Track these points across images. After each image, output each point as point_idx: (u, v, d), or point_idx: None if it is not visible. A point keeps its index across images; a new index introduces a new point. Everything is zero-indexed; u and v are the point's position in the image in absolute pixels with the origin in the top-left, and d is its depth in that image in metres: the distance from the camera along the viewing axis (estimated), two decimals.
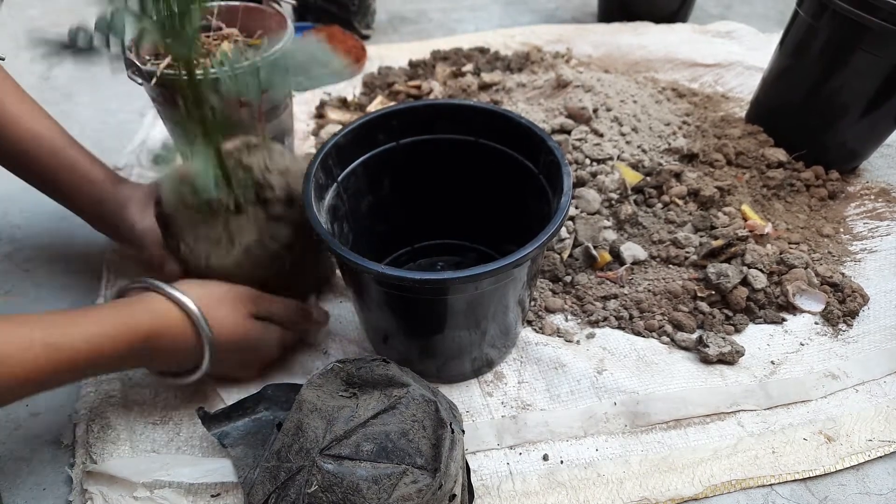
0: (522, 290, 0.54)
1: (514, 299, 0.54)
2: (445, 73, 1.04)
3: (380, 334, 0.60)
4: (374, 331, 0.61)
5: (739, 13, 1.37)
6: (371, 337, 0.63)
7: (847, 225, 0.78)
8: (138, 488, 0.51)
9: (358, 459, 0.43)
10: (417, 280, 0.44)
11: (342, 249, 0.46)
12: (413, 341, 0.58)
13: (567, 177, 0.51)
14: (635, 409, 0.58)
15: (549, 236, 0.47)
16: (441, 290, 0.48)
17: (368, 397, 0.47)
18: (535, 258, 0.50)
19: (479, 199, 0.65)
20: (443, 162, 0.62)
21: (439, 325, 0.53)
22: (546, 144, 0.55)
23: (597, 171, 0.77)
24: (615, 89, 0.88)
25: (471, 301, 0.50)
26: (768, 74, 0.87)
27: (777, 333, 0.65)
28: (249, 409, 0.55)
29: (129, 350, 0.47)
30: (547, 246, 0.52)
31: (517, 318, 0.58)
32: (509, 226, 0.62)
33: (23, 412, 0.59)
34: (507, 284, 0.50)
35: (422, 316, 0.53)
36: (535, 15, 1.36)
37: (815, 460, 0.54)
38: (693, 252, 0.70)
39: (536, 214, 0.56)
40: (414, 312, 0.53)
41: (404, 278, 0.44)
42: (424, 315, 0.53)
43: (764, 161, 0.83)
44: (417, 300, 0.50)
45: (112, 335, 0.46)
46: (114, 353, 0.47)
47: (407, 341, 0.59)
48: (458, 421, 0.51)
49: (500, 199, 0.63)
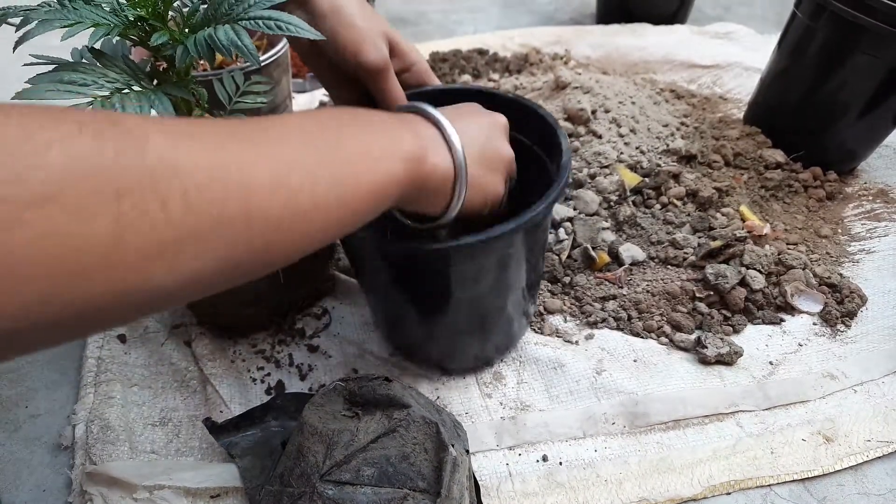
0: (528, 267, 0.53)
1: (520, 276, 0.53)
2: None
3: (388, 316, 0.60)
4: (381, 312, 0.61)
5: (738, 14, 1.37)
6: (379, 320, 0.63)
7: (845, 226, 0.78)
8: (138, 490, 0.51)
9: (359, 484, 0.43)
10: (423, 249, 0.44)
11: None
12: (419, 320, 0.58)
13: (563, 138, 0.51)
14: (634, 410, 0.58)
15: (557, 195, 0.46)
16: (444, 259, 0.47)
17: (370, 419, 0.47)
18: (540, 224, 0.49)
19: None
20: None
21: (444, 300, 0.52)
22: (537, 113, 0.54)
23: (595, 173, 0.77)
24: (613, 91, 0.88)
25: (475, 273, 0.49)
26: (766, 75, 0.88)
27: (775, 334, 0.65)
28: (258, 418, 0.55)
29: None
30: (549, 231, 0.51)
31: (521, 307, 0.58)
32: (512, 204, 0.63)
33: (22, 413, 0.60)
34: (513, 252, 0.49)
35: (427, 290, 0.53)
36: (534, 16, 1.36)
37: (814, 461, 0.54)
38: (691, 253, 0.70)
39: (537, 185, 0.57)
40: (420, 286, 0.53)
41: (410, 247, 0.44)
42: (429, 289, 0.52)
43: (762, 162, 0.83)
44: (424, 271, 0.50)
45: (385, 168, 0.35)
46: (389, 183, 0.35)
47: (412, 321, 0.58)
48: (463, 440, 0.51)
49: None
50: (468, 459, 0.49)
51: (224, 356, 0.63)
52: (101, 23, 0.41)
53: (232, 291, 0.59)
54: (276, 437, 0.54)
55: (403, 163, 0.36)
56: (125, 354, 0.63)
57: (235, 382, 0.61)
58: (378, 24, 0.50)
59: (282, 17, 0.40)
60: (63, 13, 0.40)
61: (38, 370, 0.63)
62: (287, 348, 0.65)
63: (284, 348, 0.65)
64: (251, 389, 0.61)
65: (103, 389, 0.60)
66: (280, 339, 0.65)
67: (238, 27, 0.40)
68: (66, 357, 0.65)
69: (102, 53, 0.44)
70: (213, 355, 0.63)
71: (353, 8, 0.48)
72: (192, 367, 0.63)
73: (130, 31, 0.43)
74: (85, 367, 0.61)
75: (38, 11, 0.40)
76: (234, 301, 0.60)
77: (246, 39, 0.39)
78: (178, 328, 0.66)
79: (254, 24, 0.40)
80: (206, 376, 0.61)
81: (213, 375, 0.61)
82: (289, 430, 0.54)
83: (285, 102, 0.79)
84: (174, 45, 0.42)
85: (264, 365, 0.63)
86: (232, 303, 0.61)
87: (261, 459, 0.52)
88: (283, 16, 0.40)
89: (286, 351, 0.64)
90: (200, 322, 0.66)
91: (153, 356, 0.64)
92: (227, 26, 0.40)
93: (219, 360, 0.62)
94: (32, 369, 0.64)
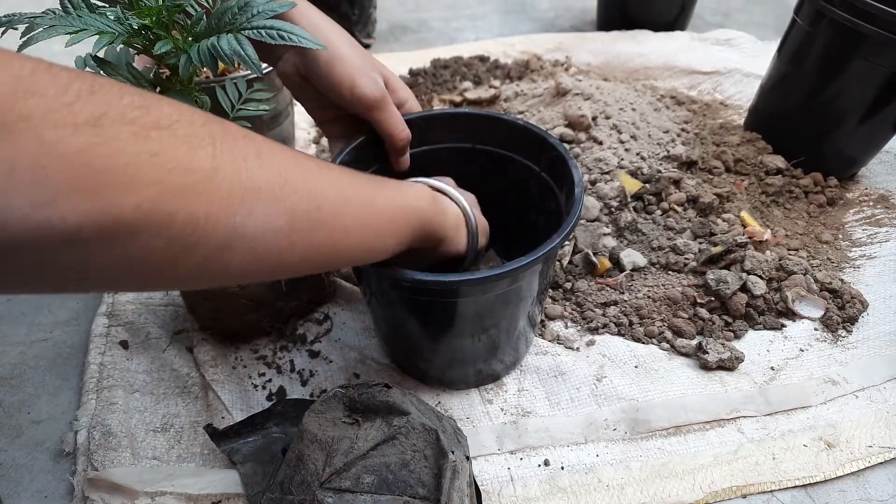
0: (531, 300, 0.53)
1: (524, 309, 0.53)
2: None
3: (394, 339, 0.61)
4: (392, 341, 0.62)
5: (738, 21, 1.38)
6: (381, 338, 0.64)
7: (846, 231, 0.78)
8: (140, 496, 0.51)
9: (358, 492, 0.43)
10: (433, 282, 0.44)
11: None
12: (422, 343, 0.58)
13: (575, 169, 0.51)
14: (635, 416, 0.58)
15: (571, 227, 0.47)
16: (451, 293, 0.47)
17: (369, 425, 0.47)
18: (548, 259, 0.50)
19: (483, 205, 0.65)
20: (444, 171, 0.63)
21: (447, 328, 0.53)
22: (547, 141, 0.55)
23: (596, 179, 0.77)
24: (614, 97, 0.89)
25: (479, 306, 0.49)
26: (766, 82, 0.88)
27: (777, 339, 0.65)
28: (259, 425, 0.55)
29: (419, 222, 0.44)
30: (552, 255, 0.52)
31: (525, 332, 0.58)
32: (517, 229, 0.63)
33: (24, 419, 0.60)
34: (517, 289, 0.50)
35: (431, 317, 0.53)
36: (535, 23, 1.37)
37: (816, 466, 0.54)
38: (692, 258, 0.70)
39: (543, 212, 0.57)
40: (425, 314, 0.53)
41: (419, 280, 0.44)
42: (434, 316, 0.53)
43: (762, 168, 0.84)
44: (431, 303, 0.50)
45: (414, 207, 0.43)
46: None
47: (415, 342, 0.58)
48: (463, 446, 0.51)
49: (504, 201, 0.63)
50: (469, 466, 0.49)
51: (226, 362, 0.63)
52: (105, 31, 0.41)
53: (233, 297, 0.60)
54: (278, 444, 0.54)
55: (416, 199, 0.44)
56: (127, 360, 0.64)
57: (237, 388, 0.61)
58: (371, 62, 0.52)
59: (284, 26, 0.40)
60: (68, 20, 0.41)
61: (40, 376, 0.64)
62: (288, 354, 0.65)
63: (286, 354, 0.65)
64: (252, 395, 0.61)
65: (105, 395, 0.60)
66: (281, 345, 0.66)
67: (241, 36, 0.40)
68: (68, 363, 0.65)
69: (106, 61, 0.45)
70: (215, 361, 0.63)
71: (347, 48, 0.50)
72: (193, 373, 0.63)
73: (134, 39, 0.44)
74: (87, 373, 0.62)
75: (43, 18, 0.41)
76: (235, 307, 0.61)
77: (248, 48, 0.40)
78: (180, 334, 0.67)
79: (256, 34, 0.40)
80: (207, 382, 0.61)
81: (215, 381, 0.61)
82: (290, 437, 0.54)
83: (287, 110, 0.80)
84: (178, 53, 0.43)
85: (266, 371, 0.63)
86: (233, 308, 0.61)
87: (262, 466, 0.52)
88: (286, 25, 0.41)
89: (287, 357, 0.65)
90: (202, 328, 0.66)
91: (155, 362, 0.64)
92: (229, 35, 0.40)
93: (220, 366, 0.63)
94: (34, 375, 0.64)
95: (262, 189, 0.29)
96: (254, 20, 0.41)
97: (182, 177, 0.25)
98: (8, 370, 0.64)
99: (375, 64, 0.53)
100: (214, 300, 0.60)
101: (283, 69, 0.51)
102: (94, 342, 0.65)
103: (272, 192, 0.30)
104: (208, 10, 0.45)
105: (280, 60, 0.51)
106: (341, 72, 0.49)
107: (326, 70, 0.48)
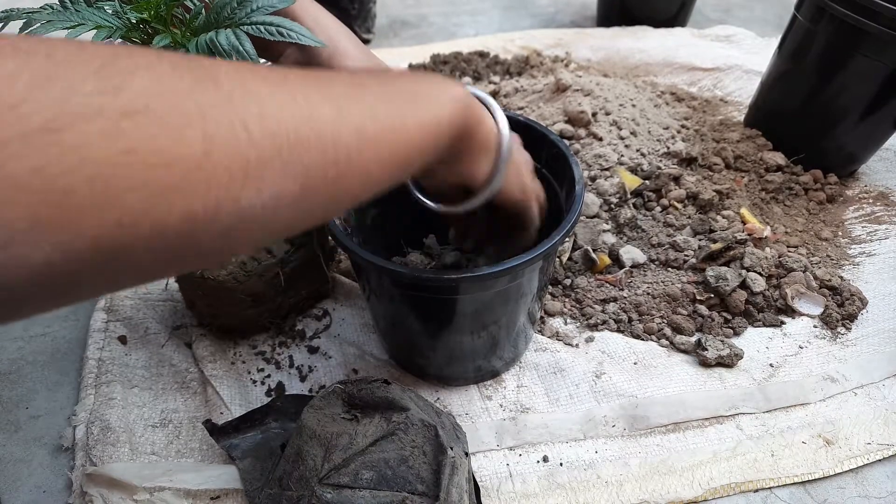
0: (531, 297, 0.53)
1: (524, 306, 0.53)
2: None
3: (393, 335, 0.61)
4: (390, 336, 0.62)
5: (738, 17, 1.37)
6: (380, 334, 0.64)
7: (846, 228, 0.78)
8: (139, 491, 0.51)
9: (357, 488, 0.43)
10: (433, 279, 0.44)
11: (360, 251, 0.46)
12: (421, 339, 0.58)
13: (576, 166, 0.51)
14: (634, 413, 0.58)
15: (572, 225, 0.47)
16: (451, 290, 0.47)
17: (368, 421, 0.47)
18: (548, 256, 0.49)
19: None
20: None
21: (446, 325, 0.53)
22: (547, 138, 0.55)
23: (596, 175, 0.77)
24: (614, 93, 0.88)
25: (479, 303, 0.49)
26: (767, 78, 0.88)
27: (776, 336, 0.65)
28: (258, 420, 0.55)
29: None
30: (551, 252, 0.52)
31: (524, 329, 0.58)
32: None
33: (23, 414, 0.60)
34: (517, 286, 0.50)
35: (431, 314, 0.53)
36: (535, 19, 1.36)
37: (814, 463, 0.54)
38: (692, 255, 0.70)
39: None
40: (424, 310, 0.53)
41: (418, 277, 0.44)
42: (433, 313, 0.53)
43: (762, 165, 0.83)
44: (431, 299, 0.50)
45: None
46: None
47: (415, 338, 0.58)
48: (462, 442, 0.51)
49: None
50: (468, 462, 0.49)
51: (224, 358, 0.63)
52: (103, 25, 0.41)
53: (232, 292, 0.59)
54: (277, 439, 0.54)
55: (452, 102, 0.36)
56: (126, 356, 0.63)
57: (236, 384, 0.61)
58: (375, 62, 0.51)
59: (284, 22, 0.40)
60: (66, 15, 0.40)
61: (38, 371, 0.64)
62: (287, 350, 0.65)
63: (285, 350, 0.65)
64: (251, 391, 0.61)
65: (104, 391, 0.60)
66: (280, 341, 0.66)
67: (240, 32, 0.40)
68: (66, 358, 0.65)
69: None
70: (214, 357, 0.63)
71: (348, 45, 0.49)
72: (192, 369, 0.63)
73: (133, 33, 0.43)
74: (85, 369, 0.62)
75: (41, 13, 0.40)
76: (234, 302, 0.61)
77: (247, 44, 0.39)
78: (179, 329, 0.67)
79: (255, 30, 0.40)
80: (206, 378, 0.61)
81: (214, 377, 0.61)
82: (289, 432, 0.54)
83: None
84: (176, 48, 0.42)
85: (264, 366, 0.63)
86: (232, 304, 0.61)
87: (261, 461, 0.52)
88: (286, 22, 0.40)
89: (286, 352, 0.65)
90: (201, 323, 0.66)
91: (154, 357, 0.64)
92: (228, 31, 0.40)
93: (219, 362, 0.63)
94: (33, 370, 0.64)
95: (267, 159, 0.24)
96: (253, 15, 0.41)
97: (167, 171, 0.21)
98: (6, 365, 0.64)
99: (375, 60, 0.52)
100: (213, 296, 0.60)
101: (283, 65, 0.51)
102: (92, 337, 0.65)
103: (280, 157, 0.25)
104: (207, 5, 0.44)
105: (280, 56, 0.51)
106: (342, 68, 0.48)
107: (327, 67, 0.48)
